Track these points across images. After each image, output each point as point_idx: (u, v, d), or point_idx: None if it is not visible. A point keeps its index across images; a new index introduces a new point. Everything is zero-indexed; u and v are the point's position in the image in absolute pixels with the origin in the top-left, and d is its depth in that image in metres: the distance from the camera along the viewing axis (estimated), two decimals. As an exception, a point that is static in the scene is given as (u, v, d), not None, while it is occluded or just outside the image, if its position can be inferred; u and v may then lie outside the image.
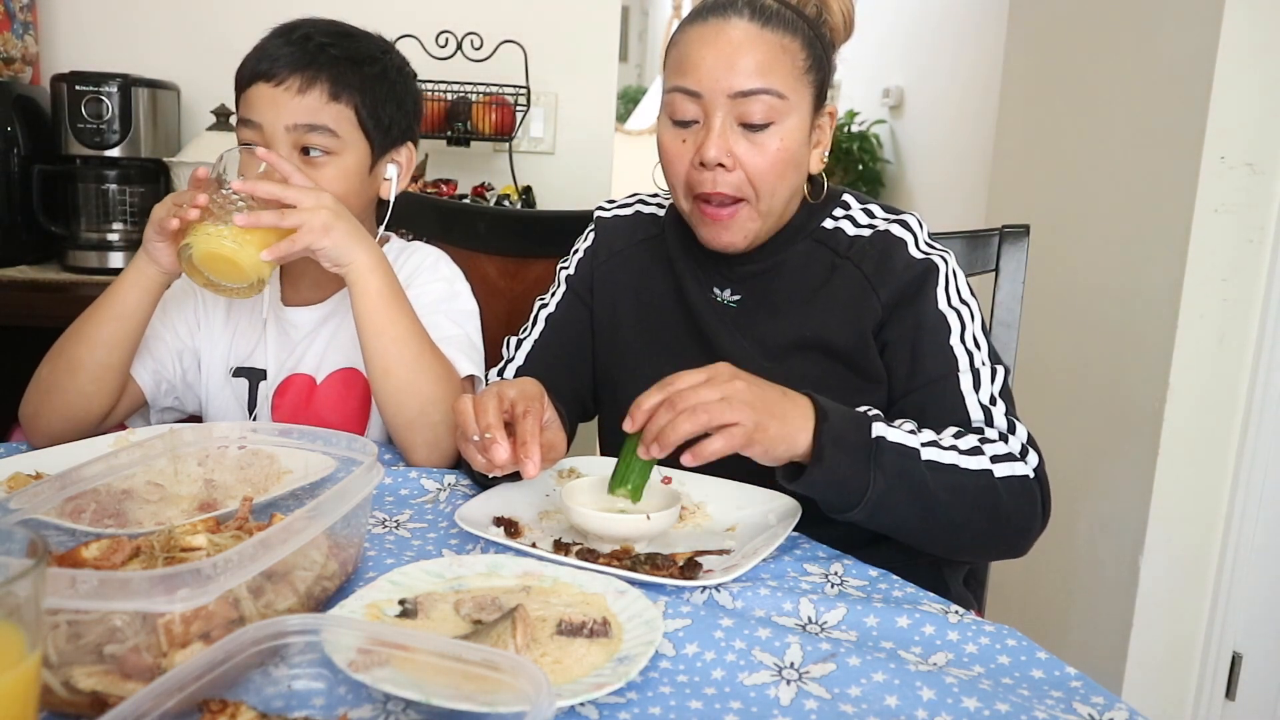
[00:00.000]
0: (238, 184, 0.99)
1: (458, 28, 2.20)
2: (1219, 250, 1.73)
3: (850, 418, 0.90)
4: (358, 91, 1.13)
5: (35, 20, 2.13)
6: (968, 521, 0.92)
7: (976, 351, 1.03)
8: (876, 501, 0.88)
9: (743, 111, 1.01)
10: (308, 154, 1.11)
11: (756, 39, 1.00)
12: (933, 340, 1.03)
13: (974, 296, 1.07)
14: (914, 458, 0.90)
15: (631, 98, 6.57)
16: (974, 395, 1.00)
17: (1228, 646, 1.86)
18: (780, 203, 1.06)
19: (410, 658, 0.57)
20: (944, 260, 1.06)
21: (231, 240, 0.98)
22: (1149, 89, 1.86)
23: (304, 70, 1.10)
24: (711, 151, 1.00)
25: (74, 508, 0.76)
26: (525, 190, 2.28)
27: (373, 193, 1.20)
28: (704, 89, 1.01)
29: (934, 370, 1.02)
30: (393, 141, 1.19)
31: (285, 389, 1.21)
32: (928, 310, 1.04)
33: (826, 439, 0.87)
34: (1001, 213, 2.32)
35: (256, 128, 1.11)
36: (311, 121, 1.10)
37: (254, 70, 1.11)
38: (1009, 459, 0.95)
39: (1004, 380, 1.03)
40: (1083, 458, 2.01)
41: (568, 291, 1.21)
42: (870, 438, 0.89)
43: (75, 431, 1.09)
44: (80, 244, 2.00)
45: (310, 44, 1.11)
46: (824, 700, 0.66)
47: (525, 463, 0.87)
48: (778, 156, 1.02)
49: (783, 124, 1.02)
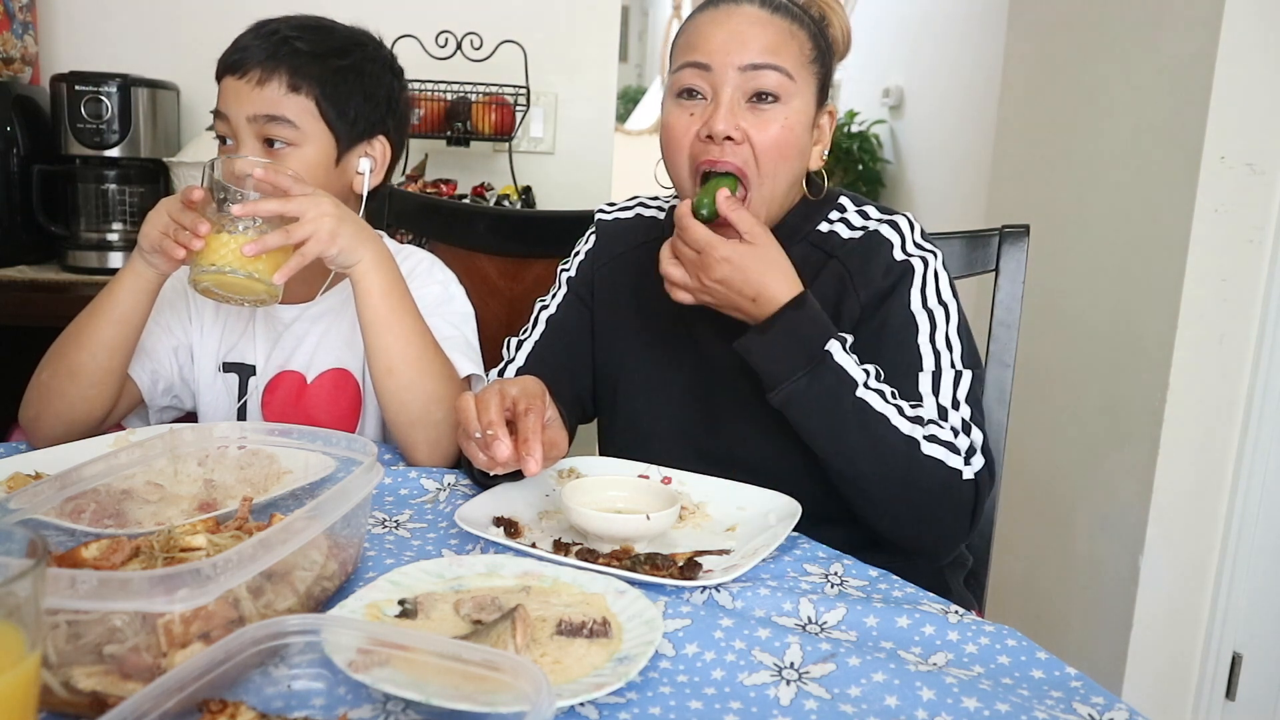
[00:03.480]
0: (239, 209, 0.99)
1: (458, 28, 2.20)
2: (1219, 250, 1.73)
3: (819, 321, 0.96)
4: (317, 83, 1.13)
5: (35, 20, 2.13)
6: (874, 474, 0.96)
7: (947, 353, 1.03)
8: (791, 397, 0.95)
9: (752, 85, 1.02)
10: (271, 145, 1.13)
11: (767, 21, 1.03)
12: (896, 340, 1.03)
13: (955, 298, 1.07)
14: (850, 388, 0.95)
15: (631, 98, 6.57)
16: (932, 397, 1.01)
17: (1228, 646, 1.86)
18: (780, 188, 1.06)
19: (410, 658, 0.57)
20: (925, 261, 1.06)
21: (243, 270, 0.99)
22: (1149, 89, 1.86)
23: (264, 63, 1.12)
24: (720, 124, 1.01)
25: (74, 508, 0.76)
26: (525, 190, 2.28)
27: (343, 185, 1.19)
28: (714, 62, 1.02)
29: (893, 368, 1.01)
30: (360, 134, 1.18)
31: (275, 386, 1.21)
32: (897, 310, 1.04)
33: (784, 317, 0.95)
34: (1001, 213, 2.32)
35: (225, 119, 1.13)
36: (270, 112, 1.11)
37: (225, 63, 1.14)
38: (947, 447, 0.96)
39: (971, 385, 1.03)
40: (1083, 458, 2.01)
41: (568, 293, 1.21)
42: (821, 348, 0.95)
43: (75, 434, 1.09)
44: (80, 244, 2.00)
45: (275, 37, 1.13)
46: (824, 700, 0.66)
47: (526, 460, 0.87)
48: (782, 134, 1.03)
49: (789, 104, 1.03)
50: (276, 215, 1.00)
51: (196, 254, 0.99)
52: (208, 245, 0.99)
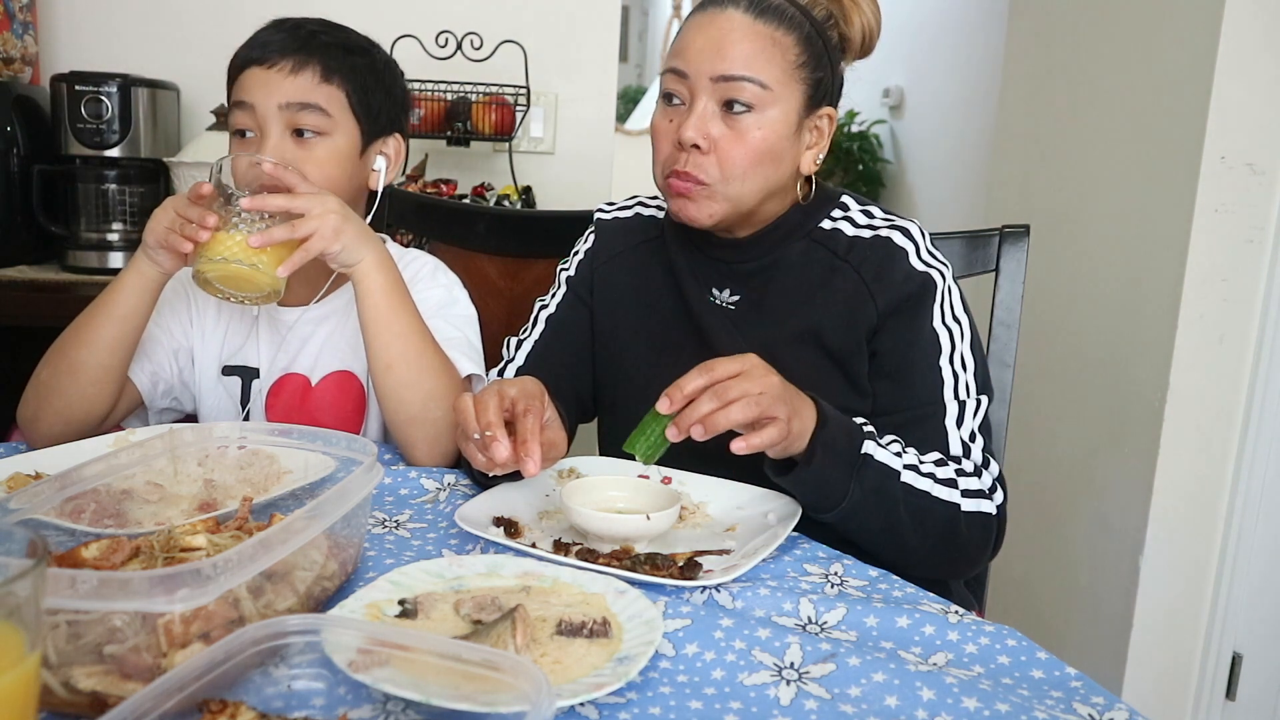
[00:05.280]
0: (247, 203, 1.00)
1: (458, 28, 2.20)
2: (1219, 250, 1.73)
3: (845, 427, 0.94)
4: (349, 75, 1.15)
5: (35, 20, 2.13)
6: (923, 544, 0.98)
7: (963, 373, 1.05)
8: (850, 510, 0.93)
9: (724, 96, 1.03)
10: (301, 135, 1.13)
11: (747, 29, 1.03)
12: (925, 361, 1.05)
13: (967, 312, 1.09)
14: (894, 478, 0.95)
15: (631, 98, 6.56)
16: (956, 431, 1.03)
17: (1228, 647, 1.86)
18: (750, 193, 1.06)
19: (410, 658, 0.57)
20: (942, 275, 1.07)
21: (247, 261, 0.99)
22: (1149, 88, 1.86)
23: (297, 53, 1.13)
24: (689, 132, 1.02)
25: (74, 508, 0.76)
26: (525, 190, 2.28)
27: (362, 180, 1.20)
28: (690, 70, 1.03)
29: (923, 394, 1.04)
30: (381, 129, 1.20)
31: (279, 389, 1.21)
32: (923, 327, 1.05)
33: (820, 442, 0.91)
34: (1001, 213, 2.32)
35: (249, 109, 1.12)
36: (305, 100, 1.12)
37: (246, 56, 1.14)
38: (978, 495, 1.00)
39: (984, 411, 1.06)
40: (1083, 457, 2.01)
41: (568, 293, 1.22)
42: (860, 452, 0.94)
43: (74, 434, 1.09)
44: (80, 244, 1.99)
45: (302, 30, 1.15)
46: (824, 700, 0.66)
47: (525, 461, 0.87)
48: (754, 145, 1.03)
49: (763, 114, 1.03)
50: (283, 210, 1.01)
51: (201, 247, 1.00)
52: (213, 239, 1.00)
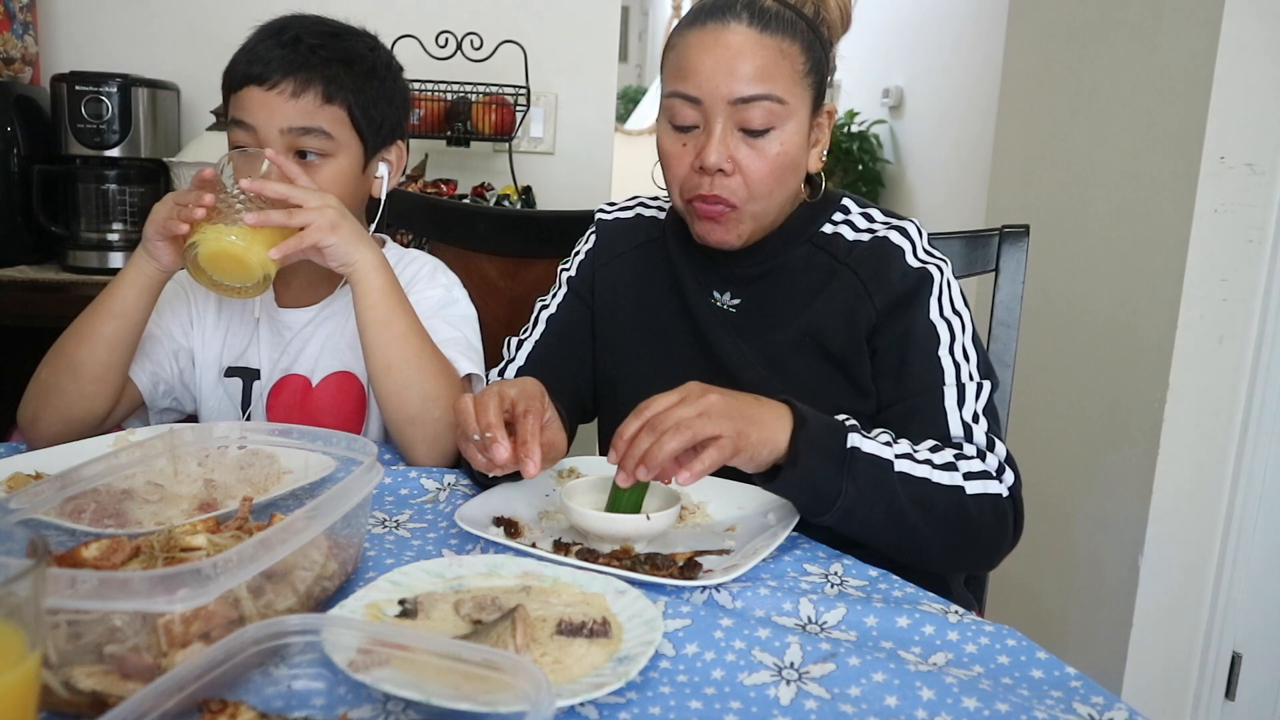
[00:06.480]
0: (246, 183, 1.00)
1: (458, 28, 2.20)
2: (1219, 250, 1.73)
3: (827, 425, 0.91)
4: (351, 93, 1.13)
5: (35, 20, 2.13)
6: (934, 534, 0.94)
7: (964, 364, 1.04)
8: (847, 509, 0.90)
9: (743, 118, 1.01)
10: (303, 157, 1.12)
11: (756, 45, 1.00)
12: (921, 351, 1.03)
13: (966, 307, 1.07)
14: (887, 469, 0.91)
15: (631, 98, 6.56)
16: (956, 411, 1.01)
17: (1228, 647, 1.86)
18: (774, 207, 1.06)
19: (410, 658, 0.57)
20: (939, 270, 1.06)
21: (239, 239, 0.99)
22: (1149, 89, 1.86)
23: (297, 73, 1.10)
24: (713, 157, 1.01)
25: (74, 508, 0.76)
26: (525, 190, 2.28)
27: (365, 192, 1.21)
28: (704, 95, 1.01)
29: (919, 382, 1.03)
30: (384, 140, 1.20)
31: (280, 390, 1.21)
32: (919, 319, 1.04)
33: (802, 443, 0.88)
34: (1001, 213, 2.32)
35: (250, 130, 1.11)
36: (306, 124, 1.11)
37: (245, 73, 1.11)
38: (983, 476, 0.96)
39: (989, 396, 1.04)
40: (1083, 457, 2.01)
41: (568, 293, 1.22)
42: (846, 447, 0.90)
43: (74, 433, 1.09)
44: (80, 244, 2.00)
45: (301, 46, 1.11)
46: (824, 700, 0.66)
47: (525, 462, 0.86)
48: (777, 161, 1.02)
49: (783, 129, 1.02)
50: (282, 197, 1.01)
51: (196, 227, 0.99)
52: (209, 220, 0.99)
